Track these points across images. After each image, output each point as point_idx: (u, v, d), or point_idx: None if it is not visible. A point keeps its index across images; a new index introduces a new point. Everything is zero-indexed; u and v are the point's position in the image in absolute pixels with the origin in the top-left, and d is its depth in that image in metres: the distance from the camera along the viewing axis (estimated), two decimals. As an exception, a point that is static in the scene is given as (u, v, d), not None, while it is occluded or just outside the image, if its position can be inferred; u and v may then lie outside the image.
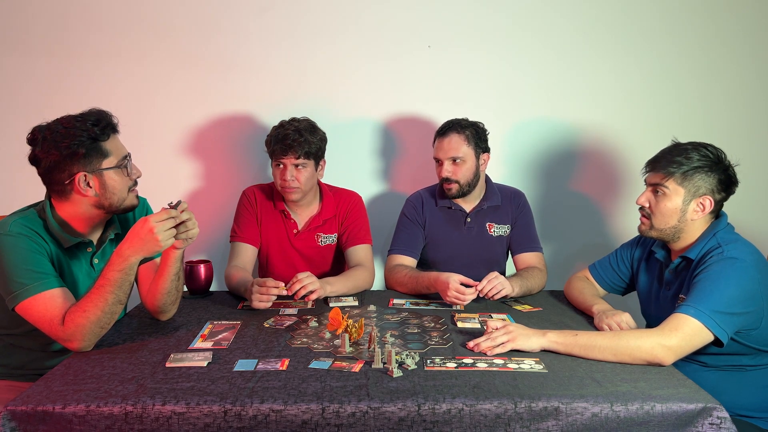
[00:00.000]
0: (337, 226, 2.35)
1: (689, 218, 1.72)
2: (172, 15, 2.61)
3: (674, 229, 1.74)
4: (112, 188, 1.65)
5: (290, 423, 1.28)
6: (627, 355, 1.51)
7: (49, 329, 1.56)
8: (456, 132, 2.25)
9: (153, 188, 2.61)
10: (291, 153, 2.15)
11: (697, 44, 2.67)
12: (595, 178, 2.75)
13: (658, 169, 1.74)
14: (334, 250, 2.38)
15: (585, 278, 2.09)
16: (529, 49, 2.67)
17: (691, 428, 1.30)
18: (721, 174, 1.70)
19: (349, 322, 1.63)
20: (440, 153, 2.27)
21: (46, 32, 2.60)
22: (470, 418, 1.29)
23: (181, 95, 2.66)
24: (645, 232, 1.79)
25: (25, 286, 1.56)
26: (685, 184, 1.70)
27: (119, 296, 1.57)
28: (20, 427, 1.28)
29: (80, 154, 1.59)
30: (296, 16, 2.63)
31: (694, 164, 1.69)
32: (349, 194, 2.39)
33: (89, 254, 1.75)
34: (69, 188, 1.63)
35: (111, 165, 1.65)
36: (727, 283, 1.57)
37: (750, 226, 2.69)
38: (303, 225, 2.32)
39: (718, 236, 1.69)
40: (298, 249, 2.32)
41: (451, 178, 2.25)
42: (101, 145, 1.63)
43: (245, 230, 2.28)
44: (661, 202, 1.73)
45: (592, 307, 1.89)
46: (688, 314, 1.54)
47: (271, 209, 2.31)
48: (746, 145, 2.71)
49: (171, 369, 1.48)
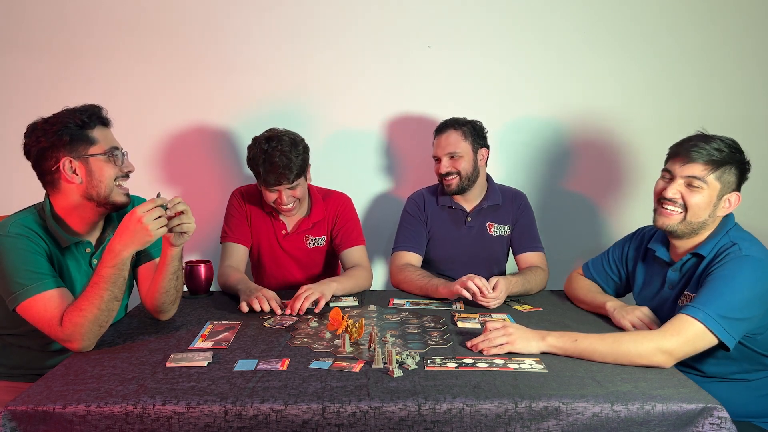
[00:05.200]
0: (326, 229, 2.33)
1: (718, 214, 1.66)
2: (172, 15, 2.61)
3: (702, 224, 1.67)
4: (98, 176, 1.66)
5: (290, 423, 1.28)
6: (627, 360, 1.49)
7: (49, 330, 1.57)
8: (453, 128, 2.27)
9: (153, 188, 2.63)
10: (285, 182, 2.10)
11: (696, 42, 2.67)
12: (596, 177, 2.75)
13: (696, 159, 1.63)
14: (324, 252, 2.36)
15: (584, 277, 2.08)
16: (530, 48, 2.67)
17: (691, 428, 1.30)
18: (743, 169, 1.66)
19: (349, 322, 1.63)
20: (438, 150, 2.29)
21: (46, 32, 2.60)
22: (471, 418, 1.29)
23: (182, 95, 2.66)
24: (670, 226, 1.68)
25: (25, 287, 1.56)
26: (722, 179, 1.63)
27: (115, 293, 1.57)
28: (20, 427, 1.28)
29: (65, 141, 1.62)
30: (296, 17, 2.63)
31: (734, 157, 1.63)
32: (338, 196, 2.36)
33: (88, 255, 1.75)
34: (57, 177, 1.65)
35: (97, 152, 1.66)
36: (741, 284, 1.52)
37: (750, 227, 2.70)
38: (292, 227, 2.31)
39: (731, 234, 1.65)
40: (286, 250, 2.32)
41: (451, 170, 2.25)
42: (87, 132, 1.65)
43: (236, 230, 2.27)
44: (697, 196, 1.64)
45: (604, 305, 1.85)
46: (694, 316, 1.50)
47: (259, 210, 2.30)
48: (746, 145, 2.72)
49: (171, 369, 1.47)
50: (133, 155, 1.76)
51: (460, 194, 2.32)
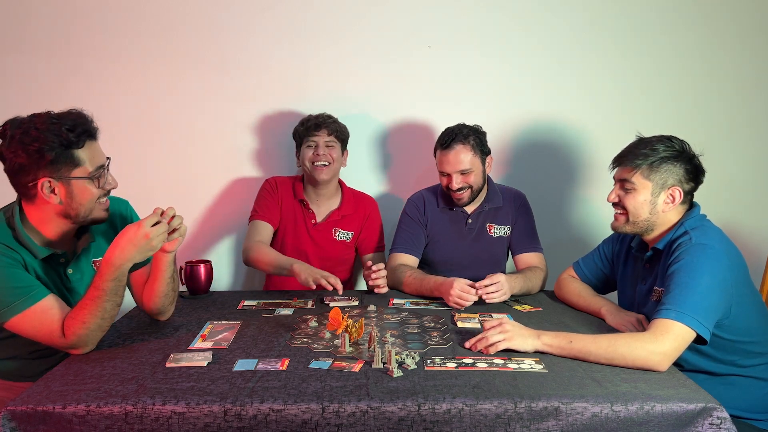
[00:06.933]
0: (356, 226, 2.43)
1: (660, 210, 1.73)
2: (173, 14, 2.61)
3: (647, 222, 1.75)
4: (79, 198, 1.55)
5: (290, 423, 1.28)
6: (622, 363, 1.50)
7: (50, 341, 1.54)
8: (460, 143, 2.20)
9: (153, 188, 2.63)
10: (324, 128, 2.32)
11: (695, 44, 2.66)
12: (596, 177, 2.74)
13: (625, 163, 1.75)
14: (348, 248, 2.45)
15: (575, 278, 2.08)
16: (529, 49, 2.67)
17: (691, 428, 1.30)
18: (686, 164, 1.71)
19: (349, 322, 1.63)
20: (447, 167, 2.22)
21: (45, 31, 2.60)
22: (470, 417, 1.29)
23: (182, 95, 2.65)
24: (619, 228, 1.80)
25: (12, 304, 1.49)
26: (651, 177, 1.71)
27: (116, 301, 1.57)
28: (20, 427, 1.28)
29: (47, 159, 1.48)
30: (297, 17, 2.63)
31: (660, 155, 1.70)
32: (368, 199, 2.51)
33: (62, 265, 1.67)
34: (33, 192, 1.53)
35: (82, 175, 1.54)
36: (700, 273, 1.56)
37: (750, 227, 2.70)
38: (322, 218, 2.41)
39: (685, 224, 1.70)
40: (314, 240, 2.39)
41: (463, 186, 2.24)
42: (73, 152, 1.51)
43: (267, 211, 2.36)
44: (631, 197, 1.74)
45: (600, 309, 1.88)
46: (670, 318, 1.52)
47: (291, 198, 2.40)
48: (745, 144, 2.73)
49: (171, 369, 1.47)
50: (132, 154, 1.75)
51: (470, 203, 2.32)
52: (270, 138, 2.70)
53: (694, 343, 1.55)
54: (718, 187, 2.41)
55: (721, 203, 2.52)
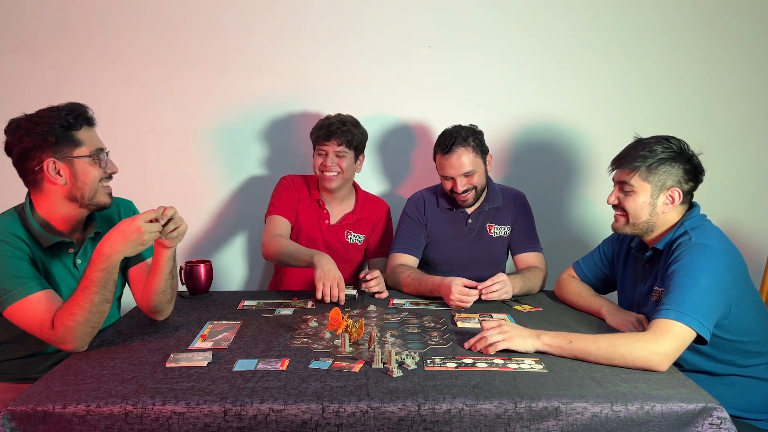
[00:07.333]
0: (368, 229, 2.44)
1: (660, 211, 1.73)
2: (173, 14, 2.61)
3: (647, 224, 1.75)
4: (83, 178, 1.64)
5: (290, 423, 1.28)
6: (622, 363, 1.50)
7: (40, 333, 1.56)
8: (461, 146, 2.19)
9: (153, 188, 2.63)
10: (333, 139, 2.28)
11: (695, 44, 2.67)
12: (596, 177, 2.74)
13: (623, 165, 1.75)
14: (358, 251, 2.46)
15: (575, 278, 2.08)
16: (529, 49, 2.67)
17: (691, 428, 1.30)
18: (685, 164, 1.71)
19: (349, 322, 1.63)
20: (451, 171, 2.21)
21: (45, 31, 2.60)
22: (470, 418, 1.29)
23: (182, 95, 2.65)
24: (620, 229, 1.80)
25: (10, 292, 1.55)
26: (650, 179, 1.71)
27: (105, 295, 1.57)
28: (20, 427, 1.28)
29: (50, 142, 1.59)
30: (297, 17, 2.63)
31: (658, 156, 1.70)
32: (381, 202, 2.52)
33: (71, 255, 1.73)
34: (40, 177, 1.62)
35: (83, 154, 1.63)
36: (700, 273, 1.56)
37: (750, 227, 2.70)
38: (336, 219, 2.42)
39: (685, 224, 1.70)
40: (327, 240, 2.39)
41: (468, 187, 2.23)
42: (73, 134, 1.62)
43: (284, 206, 2.35)
44: (630, 199, 1.74)
45: (600, 309, 1.88)
46: (670, 318, 1.52)
47: (306, 196, 2.40)
48: (745, 144, 2.73)
49: (171, 369, 1.47)
50: (131, 154, 1.76)
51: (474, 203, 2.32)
52: (270, 138, 2.70)
53: (694, 343, 1.55)
54: (718, 187, 2.42)
55: (721, 203, 2.52)
